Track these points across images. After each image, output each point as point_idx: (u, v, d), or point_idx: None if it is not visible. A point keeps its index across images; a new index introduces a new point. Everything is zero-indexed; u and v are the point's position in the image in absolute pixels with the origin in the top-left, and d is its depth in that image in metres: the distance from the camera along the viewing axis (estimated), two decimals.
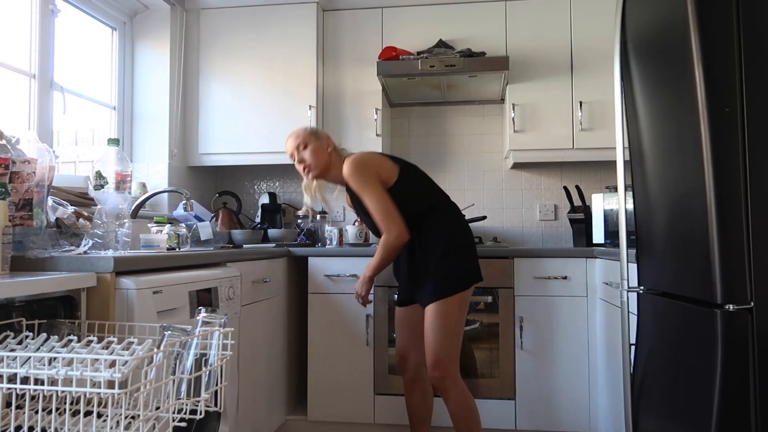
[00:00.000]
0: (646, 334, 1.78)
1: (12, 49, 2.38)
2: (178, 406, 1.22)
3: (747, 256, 1.36)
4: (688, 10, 1.42)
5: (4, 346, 1.16)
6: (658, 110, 1.65)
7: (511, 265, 2.78)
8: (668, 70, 1.57)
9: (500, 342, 2.76)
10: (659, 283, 1.71)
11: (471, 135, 3.54)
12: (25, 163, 1.54)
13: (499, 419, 2.74)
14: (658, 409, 1.67)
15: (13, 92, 2.39)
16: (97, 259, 1.47)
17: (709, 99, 1.39)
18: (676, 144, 1.54)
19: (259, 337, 2.47)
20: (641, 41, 1.76)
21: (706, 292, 1.41)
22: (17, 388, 1.07)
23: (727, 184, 1.37)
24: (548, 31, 3.11)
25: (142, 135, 3.18)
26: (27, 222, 1.54)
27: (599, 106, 3.05)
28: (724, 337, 1.36)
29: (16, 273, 1.41)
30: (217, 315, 1.33)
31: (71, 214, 1.84)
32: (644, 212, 1.78)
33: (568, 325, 2.73)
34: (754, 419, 1.34)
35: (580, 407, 2.70)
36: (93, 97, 2.91)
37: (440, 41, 3.14)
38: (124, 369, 1.03)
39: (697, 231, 1.44)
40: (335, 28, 3.29)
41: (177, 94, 3.25)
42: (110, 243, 1.97)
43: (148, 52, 3.21)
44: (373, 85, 3.17)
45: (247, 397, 2.34)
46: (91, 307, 1.45)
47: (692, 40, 1.41)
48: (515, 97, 3.12)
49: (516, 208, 3.49)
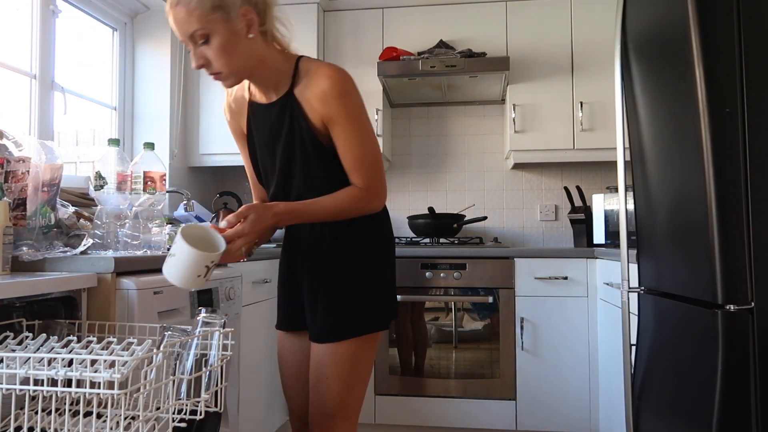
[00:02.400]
0: (647, 335, 1.77)
1: (13, 50, 2.39)
2: (178, 407, 1.21)
3: (748, 257, 1.35)
4: (688, 10, 1.42)
5: (4, 346, 1.16)
6: (659, 110, 1.65)
7: (512, 265, 2.78)
8: (669, 70, 1.56)
9: (501, 342, 2.76)
10: (660, 284, 1.71)
11: (471, 135, 3.54)
12: (20, 162, 1.54)
13: (500, 419, 2.73)
14: (658, 410, 1.67)
15: (13, 93, 2.40)
16: (97, 260, 1.47)
17: (710, 99, 1.38)
18: (677, 144, 1.54)
19: (259, 338, 2.47)
20: (642, 41, 1.76)
21: (706, 292, 1.41)
22: (17, 388, 1.07)
23: (728, 185, 1.37)
24: (549, 32, 3.11)
25: (142, 135, 3.18)
26: (20, 222, 1.53)
27: (600, 107, 3.04)
28: (724, 337, 1.36)
29: (17, 273, 1.41)
30: (218, 315, 1.33)
31: (72, 215, 1.84)
32: (645, 212, 1.78)
33: (568, 326, 2.73)
34: (754, 419, 1.34)
35: (581, 407, 2.70)
36: (94, 97, 2.91)
37: (441, 42, 3.13)
38: (123, 369, 1.03)
39: (698, 231, 1.43)
40: (336, 29, 3.28)
41: (178, 95, 3.25)
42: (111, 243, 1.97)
43: (148, 52, 3.21)
44: (373, 85, 3.17)
45: (248, 398, 2.34)
46: (91, 308, 1.45)
47: (693, 40, 1.41)
48: (516, 97, 3.11)
49: (516, 208, 3.48)
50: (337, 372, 1.45)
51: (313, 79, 1.39)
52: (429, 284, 2.84)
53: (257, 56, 1.38)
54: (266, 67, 1.42)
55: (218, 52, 1.32)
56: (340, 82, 1.38)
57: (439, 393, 2.80)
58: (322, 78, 1.38)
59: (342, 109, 1.39)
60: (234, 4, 1.31)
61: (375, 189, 1.45)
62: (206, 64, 1.35)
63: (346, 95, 1.39)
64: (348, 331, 1.46)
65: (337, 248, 1.49)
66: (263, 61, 1.40)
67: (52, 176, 1.62)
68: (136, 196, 1.92)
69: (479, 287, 2.81)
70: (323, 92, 1.38)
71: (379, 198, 1.47)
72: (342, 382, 1.46)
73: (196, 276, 1.28)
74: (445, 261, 2.84)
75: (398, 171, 3.57)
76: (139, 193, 1.92)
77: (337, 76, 1.38)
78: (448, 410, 2.78)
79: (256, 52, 1.38)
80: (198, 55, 1.34)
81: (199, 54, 1.34)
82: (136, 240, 1.87)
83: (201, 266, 1.28)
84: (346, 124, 1.40)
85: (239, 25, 1.32)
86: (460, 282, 2.82)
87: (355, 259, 1.49)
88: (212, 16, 1.29)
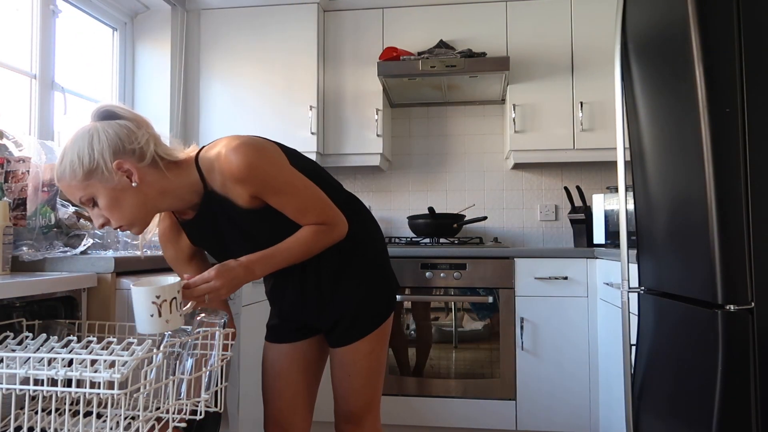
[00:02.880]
0: (647, 335, 1.77)
1: (13, 50, 2.39)
2: (178, 407, 1.21)
3: (748, 257, 1.35)
4: (688, 9, 1.42)
5: (4, 346, 1.16)
6: (659, 110, 1.65)
7: (512, 265, 2.78)
8: (669, 70, 1.56)
9: (501, 342, 2.76)
10: (660, 284, 1.71)
11: (471, 135, 3.54)
12: (20, 162, 1.54)
13: (500, 419, 2.73)
14: (658, 410, 1.67)
15: (13, 93, 2.40)
16: (97, 260, 1.47)
17: (710, 99, 1.38)
18: (677, 144, 1.54)
19: (259, 338, 2.47)
20: (642, 41, 1.76)
21: (706, 292, 1.41)
22: (17, 388, 1.07)
23: (728, 185, 1.37)
24: (549, 32, 3.11)
25: None
26: (21, 222, 1.54)
27: (600, 107, 3.04)
28: (724, 337, 1.36)
29: (17, 273, 1.41)
30: (218, 315, 1.33)
31: (72, 215, 1.84)
32: (645, 212, 1.78)
33: (568, 326, 2.73)
34: (754, 419, 1.34)
35: (581, 408, 2.70)
36: (94, 97, 2.91)
37: (441, 42, 3.13)
38: (123, 369, 1.03)
39: (698, 231, 1.43)
40: (336, 29, 3.28)
41: (177, 95, 3.25)
42: (111, 243, 1.97)
43: (148, 52, 3.21)
44: (373, 85, 3.17)
45: (248, 398, 2.34)
46: (91, 308, 1.46)
47: (693, 40, 1.41)
48: (516, 97, 3.11)
49: (516, 208, 3.48)
50: (357, 369, 1.52)
51: (220, 169, 1.35)
52: (429, 284, 2.84)
53: (154, 194, 1.34)
54: (170, 195, 1.37)
55: (109, 210, 1.31)
56: (244, 159, 1.33)
57: (439, 393, 2.80)
58: (226, 164, 1.34)
59: (260, 181, 1.36)
60: (105, 163, 1.28)
61: (330, 220, 1.43)
62: (107, 221, 1.34)
63: (257, 167, 1.34)
64: (365, 329, 1.51)
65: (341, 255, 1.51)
66: (164, 192, 1.36)
67: (52, 176, 1.62)
68: None
69: (479, 287, 2.81)
70: (235, 176, 1.34)
71: (338, 225, 1.45)
72: (362, 378, 1.53)
73: (149, 316, 1.18)
74: (445, 261, 2.84)
75: (398, 171, 3.57)
76: None
77: (238, 156, 1.33)
78: (448, 410, 2.78)
79: (150, 191, 1.34)
80: (96, 215, 1.34)
81: (96, 214, 1.34)
82: (136, 240, 1.87)
83: (147, 303, 1.18)
84: (272, 190, 1.38)
85: (119, 180, 1.29)
86: (460, 282, 2.82)
87: (357, 263, 1.52)
88: (89, 182, 1.28)
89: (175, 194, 1.38)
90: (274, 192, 1.38)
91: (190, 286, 1.28)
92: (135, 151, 1.31)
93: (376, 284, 1.54)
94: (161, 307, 1.19)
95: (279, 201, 1.39)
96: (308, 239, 1.42)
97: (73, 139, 1.30)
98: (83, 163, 1.27)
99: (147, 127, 1.35)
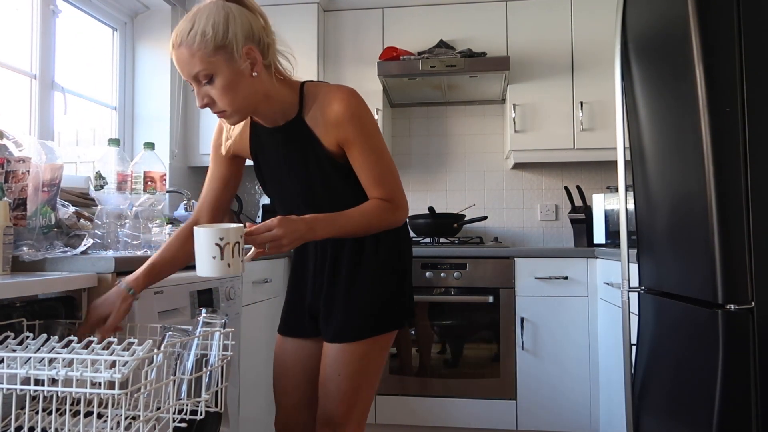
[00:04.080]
0: (647, 334, 1.78)
1: (13, 50, 2.39)
2: (178, 407, 1.22)
3: (748, 256, 1.36)
4: (688, 9, 1.42)
5: (5, 346, 1.16)
6: (659, 110, 1.65)
7: (512, 265, 2.78)
8: (669, 69, 1.57)
9: (501, 342, 2.76)
10: (660, 283, 1.71)
11: (472, 135, 3.54)
12: (20, 162, 1.54)
13: (500, 419, 2.74)
14: (659, 409, 1.67)
15: (13, 93, 2.40)
16: (97, 260, 1.47)
17: (710, 99, 1.38)
18: (677, 144, 1.54)
19: (260, 338, 2.47)
20: (642, 41, 1.76)
21: (707, 292, 1.41)
22: (18, 388, 1.07)
23: (728, 184, 1.37)
24: (549, 32, 3.11)
25: (142, 135, 3.18)
26: (21, 222, 1.53)
27: (600, 106, 3.04)
28: (725, 337, 1.36)
29: (17, 273, 1.41)
30: (218, 315, 1.33)
31: (72, 215, 1.84)
32: (645, 212, 1.78)
33: (569, 325, 2.73)
34: (754, 419, 1.34)
35: (582, 407, 2.70)
36: (94, 97, 2.91)
37: (441, 41, 3.13)
38: (124, 369, 1.03)
39: (698, 231, 1.43)
40: (336, 29, 3.28)
41: (178, 95, 3.25)
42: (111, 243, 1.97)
43: (149, 52, 3.21)
44: (373, 85, 3.17)
45: (248, 398, 2.34)
46: None
47: (693, 40, 1.41)
48: (516, 97, 3.11)
49: (517, 208, 3.48)
50: (349, 371, 1.46)
51: (324, 103, 1.39)
52: (429, 284, 2.85)
53: (262, 93, 1.36)
54: (271, 102, 1.40)
55: (222, 92, 1.30)
56: (353, 104, 1.38)
57: (439, 393, 2.80)
58: (334, 102, 1.38)
59: (357, 131, 1.39)
60: (237, 44, 1.28)
61: (398, 200, 1.46)
62: (210, 103, 1.33)
63: (360, 117, 1.39)
64: (365, 331, 1.46)
65: (361, 253, 1.49)
66: (268, 96, 1.38)
67: (53, 176, 1.62)
68: (137, 196, 1.92)
69: (479, 287, 2.81)
70: (337, 116, 1.37)
71: (402, 208, 1.47)
72: (352, 382, 1.46)
73: (211, 258, 1.19)
74: (445, 261, 2.84)
75: (398, 171, 3.56)
76: (140, 193, 1.92)
77: (349, 99, 1.38)
78: (448, 410, 2.78)
79: (261, 88, 1.35)
80: (202, 94, 1.32)
81: (203, 93, 1.32)
82: (137, 240, 1.87)
83: (210, 245, 1.19)
84: (363, 145, 1.41)
85: (242, 65, 1.30)
86: (460, 282, 2.82)
87: (377, 262, 1.49)
88: (215, 57, 1.27)
89: (274, 104, 1.40)
90: (363, 149, 1.40)
91: (253, 233, 1.26)
92: (261, 44, 1.33)
93: (392, 294, 1.51)
94: (224, 249, 1.20)
95: (363, 160, 1.41)
96: (372, 212, 1.42)
97: (205, 12, 1.27)
98: (216, 36, 1.25)
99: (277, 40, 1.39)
